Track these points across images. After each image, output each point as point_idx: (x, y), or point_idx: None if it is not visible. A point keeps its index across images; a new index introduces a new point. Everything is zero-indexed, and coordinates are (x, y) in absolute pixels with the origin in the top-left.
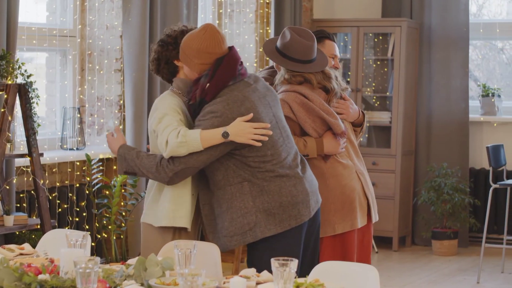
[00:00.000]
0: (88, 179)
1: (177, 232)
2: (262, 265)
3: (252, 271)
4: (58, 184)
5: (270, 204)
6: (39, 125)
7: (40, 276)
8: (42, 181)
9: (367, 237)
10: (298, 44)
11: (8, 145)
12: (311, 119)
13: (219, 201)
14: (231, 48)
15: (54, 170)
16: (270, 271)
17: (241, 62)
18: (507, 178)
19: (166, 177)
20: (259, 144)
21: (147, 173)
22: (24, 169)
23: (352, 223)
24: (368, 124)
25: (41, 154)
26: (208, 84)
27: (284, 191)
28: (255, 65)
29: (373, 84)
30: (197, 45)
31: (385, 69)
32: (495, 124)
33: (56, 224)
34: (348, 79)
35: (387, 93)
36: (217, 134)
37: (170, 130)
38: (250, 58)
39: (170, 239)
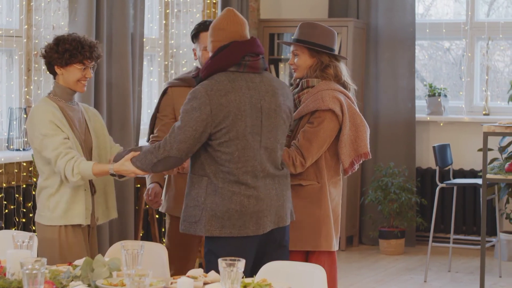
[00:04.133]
0: (35, 180)
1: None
2: (211, 259)
3: (199, 271)
4: (4, 185)
5: (218, 206)
6: None
7: None
8: None
9: None
10: (327, 31)
11: None
12: (349, 126)
13: (187, 182)
14: (251, 38)
15: (0, 171)
16: (217, 271)
17: (257, 55)
18: (454, 178)
19: (151, 164)
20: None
21: (137, 162)
22: None
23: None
24: None
25: None
26: (209, 61)
27: (236, 199)
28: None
29: None
30: (212, 25)
31: None
32: (441, 124)
33: (3, 225)
34: None
35: None
36: (106, 170)
37: (64, 163)
38: None
39: (64, 236)
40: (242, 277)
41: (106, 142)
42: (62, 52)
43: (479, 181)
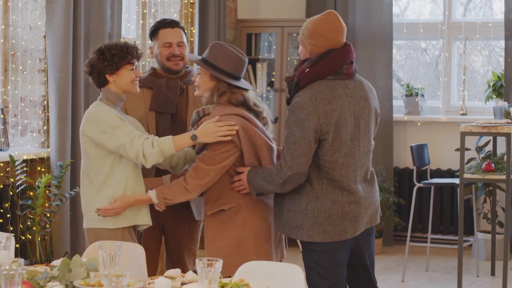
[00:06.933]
0: (12, 180)
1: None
2: (306, 264)
3: (177, 271)
4: None
5: (320, 212)
6: None
7: None
8: None
9: None
10: (235, 57)
11: None
12: (247, 148)
13: None
14: (346, 44)
15: None
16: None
17: (351, 62)
18: (431, 177)
19: (279, 185)
20: (228, 138)
21: (267, 185)
22: None
23: None
24: None
25: None
26: (307, 70)
27: (338, 205)
28: None
29: None
30: (314, 26)
31: None
32: (419, 124)
33: None
34: (273, 79)
35: None
36: (187, 138)
37: (142, 141)
38: None
39: (128, 238)
40: (220, 277)
41: None
42: (111, 58)
43: (456, 180)
